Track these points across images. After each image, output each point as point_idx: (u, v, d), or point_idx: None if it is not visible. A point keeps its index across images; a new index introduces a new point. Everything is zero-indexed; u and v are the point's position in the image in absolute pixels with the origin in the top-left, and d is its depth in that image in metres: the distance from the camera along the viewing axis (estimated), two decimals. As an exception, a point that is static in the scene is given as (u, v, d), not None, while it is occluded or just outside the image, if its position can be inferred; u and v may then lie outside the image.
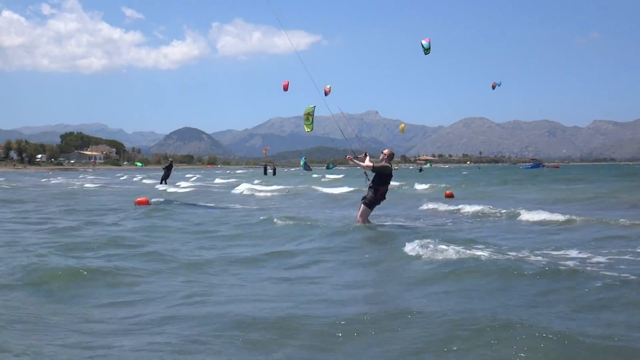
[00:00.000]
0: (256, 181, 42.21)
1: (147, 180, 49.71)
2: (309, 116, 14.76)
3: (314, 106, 14.54)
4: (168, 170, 36.09)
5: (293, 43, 14.18)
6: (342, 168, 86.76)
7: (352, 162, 12.12)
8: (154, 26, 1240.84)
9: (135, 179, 55.09)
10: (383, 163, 11.60)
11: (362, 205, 11.56)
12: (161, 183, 35.54)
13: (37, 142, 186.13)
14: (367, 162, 11.81)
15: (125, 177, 62.91)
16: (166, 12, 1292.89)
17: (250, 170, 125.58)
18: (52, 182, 47.27)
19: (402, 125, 40.59)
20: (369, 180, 11.84)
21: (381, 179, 11.48)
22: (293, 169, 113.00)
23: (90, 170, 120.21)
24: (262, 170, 75.45)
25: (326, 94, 18.95)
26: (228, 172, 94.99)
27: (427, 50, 14.79)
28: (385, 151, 12.04)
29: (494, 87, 27.84)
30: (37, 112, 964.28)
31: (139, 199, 18.39)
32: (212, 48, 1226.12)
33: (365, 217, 11.52)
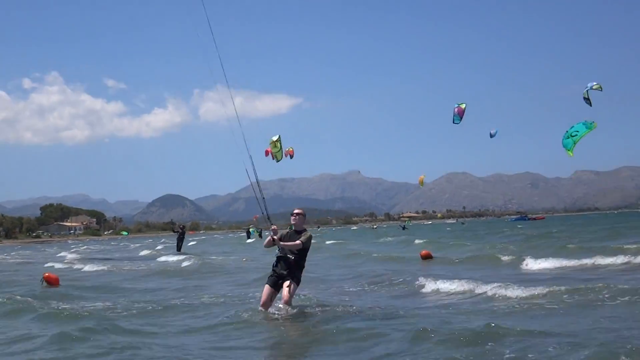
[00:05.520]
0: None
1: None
2: (277, 142, 14.29)
3: (279, 135, 14.24)
4: (180, 238, 35.07)
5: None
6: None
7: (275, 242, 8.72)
8: (135, 95, 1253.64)
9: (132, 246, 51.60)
10: (308, 235, 8.72)
11: (293, 284, 8.57)
12: (179, 251, 33.57)
13: (16, 216, 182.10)
14: (296, 240, 8.64)
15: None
16: (147, 80, 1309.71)
17: (230, 235, 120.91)
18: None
19: (421, 177, 38.55)
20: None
21: (305, 253, 8.81)
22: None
23: (69, 241, 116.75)
24: (244, 234, 73.64)
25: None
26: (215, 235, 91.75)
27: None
28: (297, 211, 8.90)
29: (491, 136, 27.17)
30: (20, 185, 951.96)
31: (47, 274, 15.22)
32: (194, 115, 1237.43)
33: None
